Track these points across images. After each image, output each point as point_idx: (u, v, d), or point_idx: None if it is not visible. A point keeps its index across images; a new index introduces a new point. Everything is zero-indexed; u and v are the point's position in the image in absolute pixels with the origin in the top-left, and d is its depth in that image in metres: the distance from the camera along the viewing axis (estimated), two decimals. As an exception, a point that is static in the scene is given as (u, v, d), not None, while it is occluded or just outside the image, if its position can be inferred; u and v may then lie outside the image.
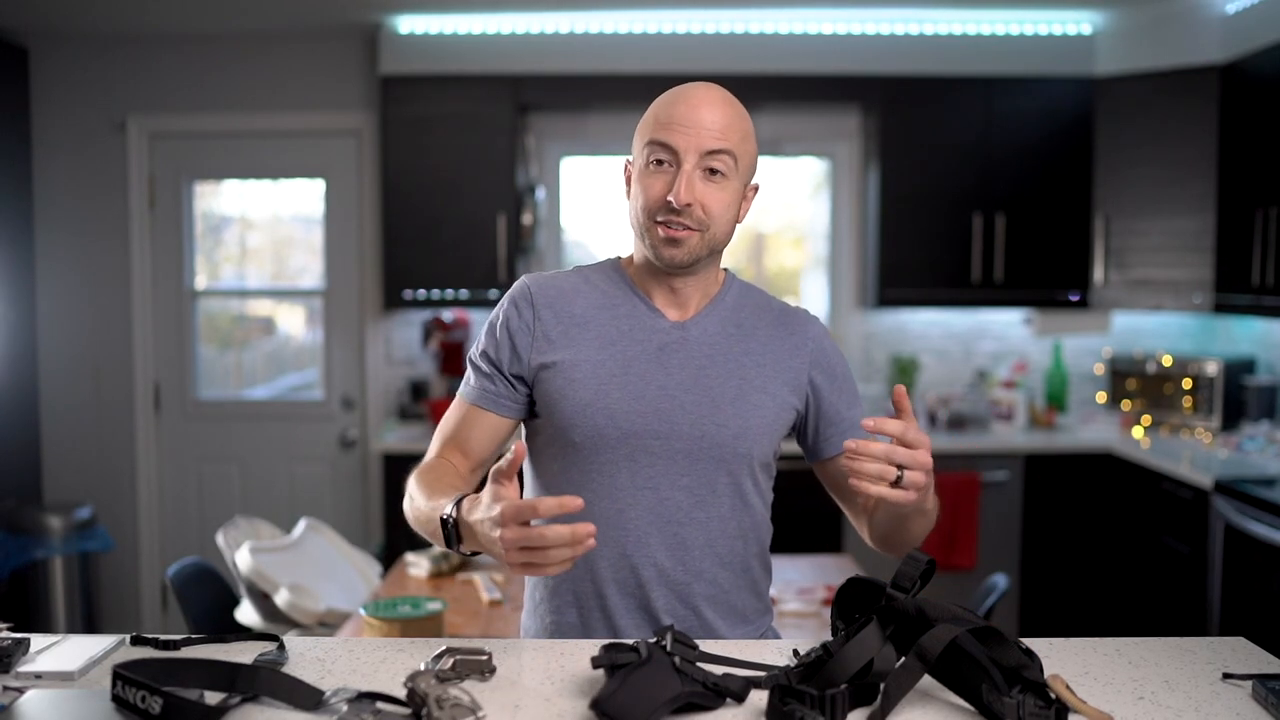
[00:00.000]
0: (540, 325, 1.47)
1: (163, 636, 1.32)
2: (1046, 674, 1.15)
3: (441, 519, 1.27)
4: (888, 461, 1.25)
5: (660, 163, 1.40)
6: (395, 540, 3.90)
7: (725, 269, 1.56)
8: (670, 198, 1.38)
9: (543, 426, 1.48)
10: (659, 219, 1.40)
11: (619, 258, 1.55)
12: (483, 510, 1.20)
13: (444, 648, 1.23)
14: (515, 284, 1.52)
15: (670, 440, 1.43)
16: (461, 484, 1.44)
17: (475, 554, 1.30)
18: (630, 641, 1.17)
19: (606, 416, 1.42)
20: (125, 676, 1.07)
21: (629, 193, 1.47)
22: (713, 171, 1.40)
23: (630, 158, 1.48)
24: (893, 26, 4.12)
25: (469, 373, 1.52)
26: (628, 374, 1.44)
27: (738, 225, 1.48)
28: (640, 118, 1.46)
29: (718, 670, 1.19)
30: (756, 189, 1.50)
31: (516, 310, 1.48)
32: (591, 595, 1.45)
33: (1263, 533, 3.04)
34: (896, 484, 1.25)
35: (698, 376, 1.45)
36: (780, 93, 4.19)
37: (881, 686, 1.10)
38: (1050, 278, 4.19)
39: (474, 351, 1.51)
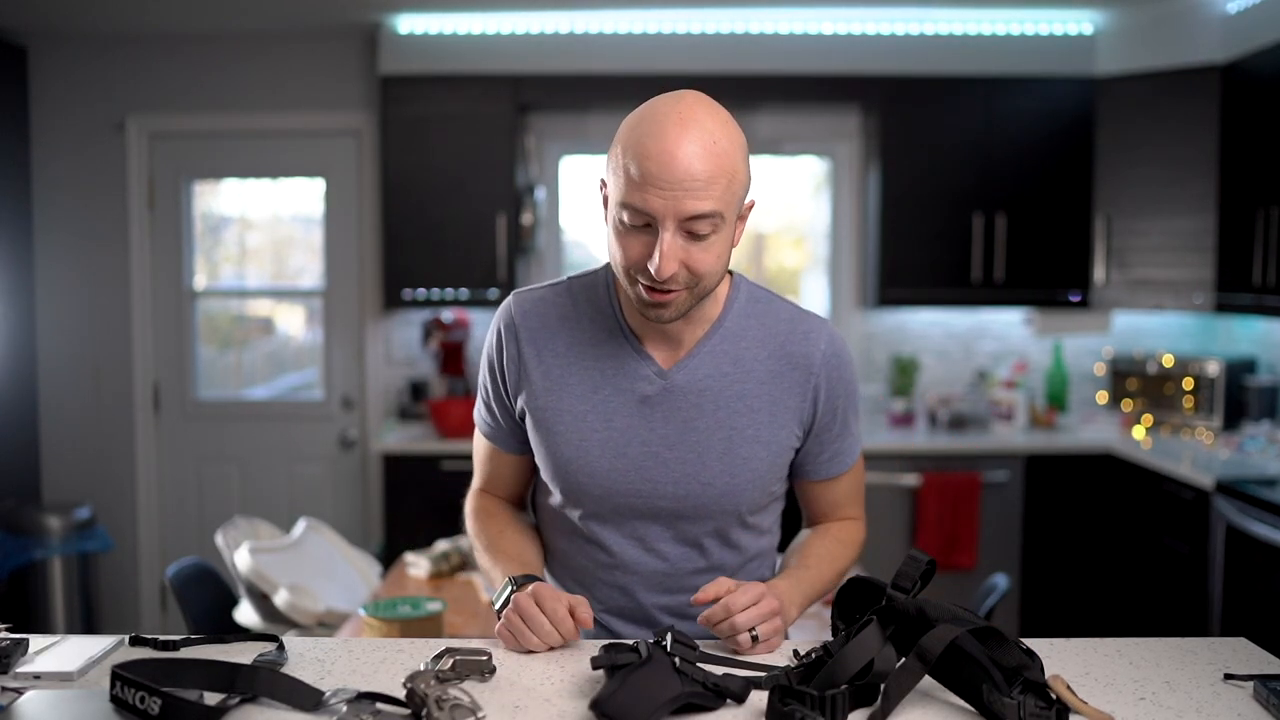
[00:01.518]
0: (524, 364, 1.41)
1: (162, 637, 1.32)
2: (1047, 674, 1.14)
3: (508, 579, 1.35)
4: (734, 624, 1.27)
5: (638, 219, 1.23)
6: (395, 540, 3.89)
7: (731, 272, 1.42)
8: (650, 268, 1.23)
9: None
10: (640, 280, 1.27)
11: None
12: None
13: (444, 648, 1.23)
14: (500, 308, 1.45)
15: (653, 500, 1.39)
16: (525, 531, 1.51)
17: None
18: (630, 642, 1.17)
19: (588, 475, 1.39)
20: (124, 677, 1.07)
21: (606, 215, 1.31)
22: (698, 229, 1.23)
23: (604, 176, 1.31)
24: (893, 26, 4.12)
25: (478, 402, 1.51)
26: (609, 429, 1.38)
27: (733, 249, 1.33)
28: None
29: (718, 670, 1.18)
30: (752, 205, 1.33)
31: (501, 346, 1.43)
32: (599, 624, 1.48)
33: (1264, 533, 3.04)
34: (756, 640, 1.27)
35: (683, 431, 1.38)
36: (780, 93, 4.19)
37: (882, 687, 1.10)
38: (1050, 278, 4.19)
39: (480, 380, 1.50)
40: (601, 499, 1.40)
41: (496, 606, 1.35)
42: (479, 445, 1.54)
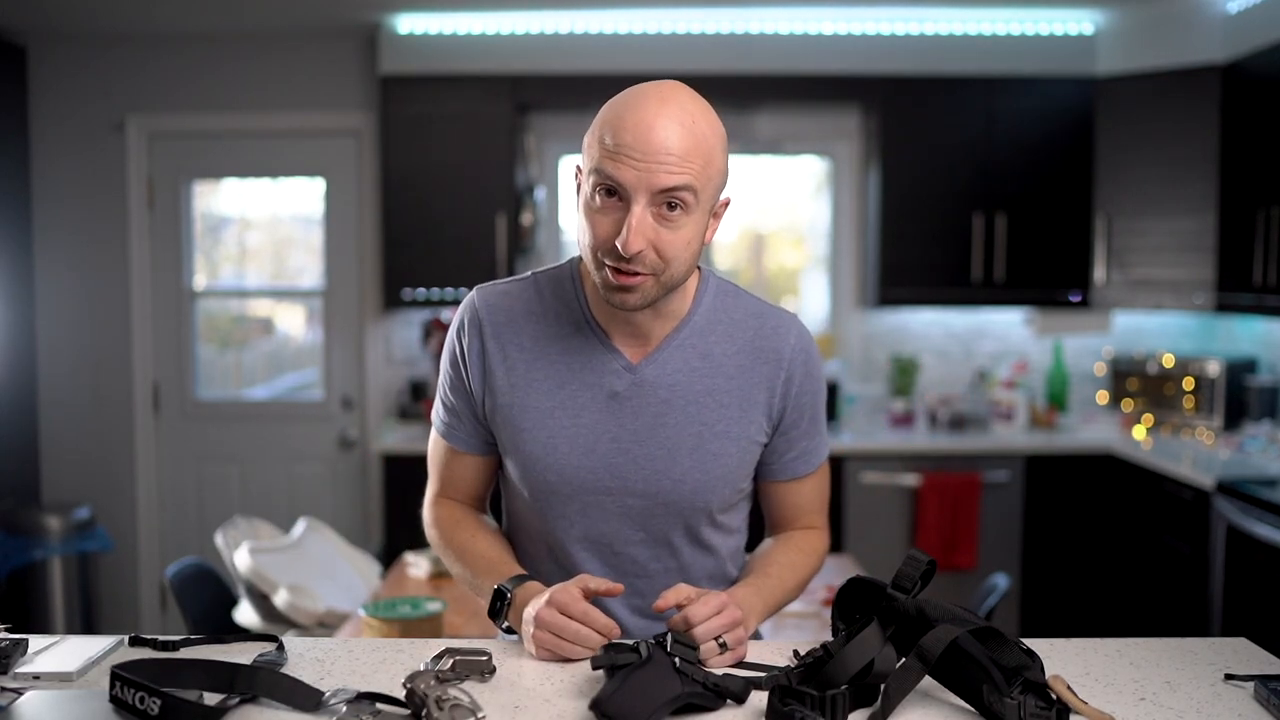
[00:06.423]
0: (487, 359, 1.37)
1: (161, 637, 1.31)
2: (1047, 675, 1.14)
3: (497, 589, 1.32)
4: (697, 635, 1.22)
5: (609, 194, 1.21)
6: (395, 540, 3.89)
7: (700, 267, 1.39)
8: (618, 244, 1.20)
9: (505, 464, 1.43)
10: (607, 262, 1.23)
11: (579, 260, 1.38)
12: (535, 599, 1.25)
13: (444, 648, 1.22)
14: (463, 303, 1.41)
15: (622, 497, 1.35)
16: (494, 533, 1.46)
17: (509, 630, 1.33)
18: (630, 642, 1.17)
19: (555, 472, 1.35)
20: (124, 677, 1.07)
21: (579, 198, 1.29)
22: (670, 206, 1.20)
23: (579, 162, 1.30)
24: (893, 26, 4.12)
25: (437, 402, 1.46)
26: (577, 424, 1.34)
27: (706, 246, 1.31)
28: None
29: (718, 670, 1.18)
30: (727, 204, 1.31)
31: (465, 341, 1.38)
32: None
33: (1264, 533, 3.04)
34: (724, 648, 1.22)
35: (653, 426, 1.34)
36: (780, 93, 4.19)
37: (882, 687, 1.10)
38: (1051, 277, 4.18)
39: (440, 378, 1.45)
40: (570, 498, 1.36)
41: (501, 623, 1.32)
42: (435, 448, 1.47)
